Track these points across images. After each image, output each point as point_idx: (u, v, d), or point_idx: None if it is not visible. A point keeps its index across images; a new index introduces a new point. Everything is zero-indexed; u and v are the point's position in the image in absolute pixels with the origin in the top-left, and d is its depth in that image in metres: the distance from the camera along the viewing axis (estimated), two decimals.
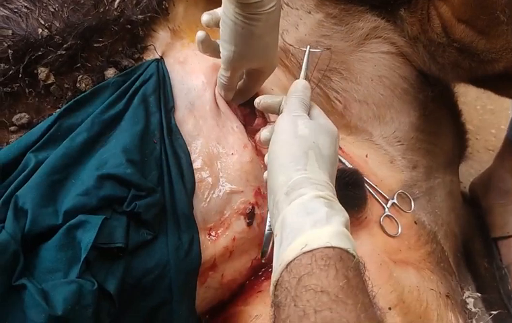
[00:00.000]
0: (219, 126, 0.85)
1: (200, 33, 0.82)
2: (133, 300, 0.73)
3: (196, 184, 0.80)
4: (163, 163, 0.79)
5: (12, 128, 0.81)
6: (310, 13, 0.98)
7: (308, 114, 0.72)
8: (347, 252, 0.55)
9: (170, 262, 0.74)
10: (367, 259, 0.80)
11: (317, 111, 0.74)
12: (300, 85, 0.74)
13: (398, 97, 0.98)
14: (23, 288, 0.63)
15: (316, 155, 0.65)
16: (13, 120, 0.81)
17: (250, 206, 0.82)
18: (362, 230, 0.87)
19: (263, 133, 0.75)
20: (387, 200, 0.91)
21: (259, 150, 0.85)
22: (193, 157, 0.82)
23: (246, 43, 0.74)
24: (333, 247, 0.54)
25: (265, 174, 0.71)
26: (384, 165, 0.95)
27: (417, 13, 0.94)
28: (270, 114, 0.88)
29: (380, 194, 0.91)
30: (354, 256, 0.56)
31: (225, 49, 0.76)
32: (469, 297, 1.02)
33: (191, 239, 0.77)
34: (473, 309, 1.02)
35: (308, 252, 0.54)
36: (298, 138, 0.66)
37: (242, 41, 0.73)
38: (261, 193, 0.83)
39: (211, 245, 0.80)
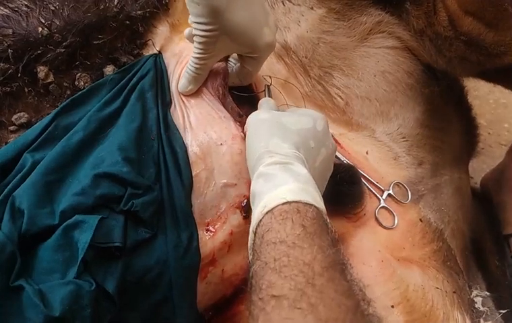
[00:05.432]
0: (202, 114, 0.84)
1: (186, 31, 0.84)
2: (134, 298, 0.73)
3: (193, 178, 0.79)
4: (160, 160, 0.78)
5: (11, 127, 0.81)
6: (312, 8, 0.96)
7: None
8: (304, 203, 0.58)
9: (169, 260, 0.74)
10: (368, 256, 0.81)
11: (299, 109, 0.81)
12: (265, 99, 0.82)
13: (402, 92, 0.96)
14: (21, 289, 0.63)
15: (280, 131, 0.69)
16: (13, 119, 0.81)
17: (245, 199, 0.80)
18: (362, 227, 0.86)
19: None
20: (383, 191, 0.90)
21: None
22: (187, 150, 0.81)
23: (220, 19, 0.73)
24: (289, 202, 0.58)
25: None
26: (386, 162, 0.94)
27: (423, 6, 0.92)
28: None
29: (377, 187, 0.90)
30: (311, 205, 0.58)
31: (201, 29, 0.74)
32: (477, 295, 1.00)
33: (190, 236, 0.76)
34: (481, 308, 1.00)
35: (268, 212, 0.58)
36: (260, 122, 0.72)
37: (216, 16, 0.72)
38: None
39: (210, 240, 0.79)
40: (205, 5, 0.71)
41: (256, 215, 0.60)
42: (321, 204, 0.61)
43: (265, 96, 0.85)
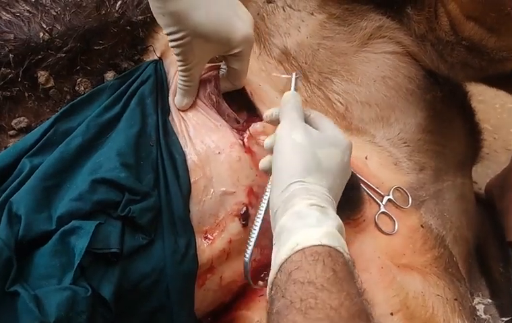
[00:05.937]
0: (199, 125, 0.84)
1: None
2: (131, 305, 0.73)
3: (191, 185, 0.79)
4: (159, 166, 0.78)
5: (11, 132, 0.82)
6: (312, 14, 0.96)
7: (315, 126, 0.74)
8: (336, 250, 0.58)
9: (167, 266, 0.74)
10: (367, 262, 0.81)
11: (327, 123, 0.76)
12: (291, 95, 0.76)
13: (403, 98, 0.95)
14: (16, 294, 0.63)
15: (315, 169, 0.67)
16: (12, 124, 0.82)
17: (244, 207, 0.80)
18: (362, 233, 0.85)
19: (266, 142, 0.76)
20: (383, 197, 0.89)
21: (248, 147, 0.83)
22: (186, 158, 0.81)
23: (186, 23, 0.72)
24: (323, 245, 0.57)
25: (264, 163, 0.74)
26: (386, 167, 0.93)
27: (424, 11, 0.92)
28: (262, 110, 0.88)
29: (377, 192, 0.89)
30: (341, 253, 0.58)
31: (173, 39, 0.74)
32: (479, 303, 0.99)
33: (188, 242, 0.76)
34: (484, 316, 0.99)
35: (299, 250, 0.58)
36: (296, 149, 0.68)
37: (181, 22, 0.72)
38: (254, 192, 0.81)
39: (208, 248, 0.79)
40: (168, 13, 0.71)
41: (284, 251, 0.60)
42: (348, 254, 0.61)
43: (291, 89, 0.81)
